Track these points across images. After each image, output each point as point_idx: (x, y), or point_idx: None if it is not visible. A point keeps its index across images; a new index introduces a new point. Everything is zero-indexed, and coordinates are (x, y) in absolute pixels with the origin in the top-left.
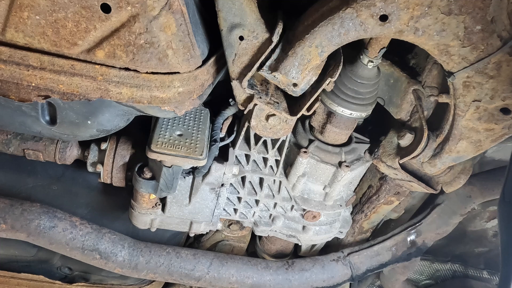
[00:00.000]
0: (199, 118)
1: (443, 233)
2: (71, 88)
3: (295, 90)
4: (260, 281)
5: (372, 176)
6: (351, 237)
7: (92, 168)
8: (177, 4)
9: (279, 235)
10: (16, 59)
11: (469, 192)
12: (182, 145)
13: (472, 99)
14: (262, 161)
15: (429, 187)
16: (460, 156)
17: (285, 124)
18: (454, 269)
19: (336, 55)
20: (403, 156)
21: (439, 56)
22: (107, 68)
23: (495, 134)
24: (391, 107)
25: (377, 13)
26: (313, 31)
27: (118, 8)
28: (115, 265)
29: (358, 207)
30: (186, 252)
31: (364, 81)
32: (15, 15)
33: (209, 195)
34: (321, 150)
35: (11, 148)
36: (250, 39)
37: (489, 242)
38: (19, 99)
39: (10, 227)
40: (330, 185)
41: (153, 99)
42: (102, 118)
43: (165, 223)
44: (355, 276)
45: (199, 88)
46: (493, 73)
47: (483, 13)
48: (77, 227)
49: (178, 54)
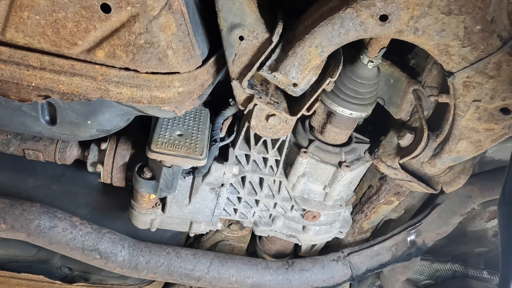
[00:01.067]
0: (199, 118)
1: (443, 233)
2: (71, 88)
3: (295, 90)
4: (260, 281)
5: (372, 176)
6: (351, 237)
7: (92, 168)
8: (177, 4)
9: (279, 235)
10: (16, 59)
11: (469, 192)
12: (182, 145)
13: (472, 99)
14: (262, 161)
15: (429, 187)
16: (460, 156)
17: (285, 124)
18: (454, 269)
19: (336, 55)
20: (403, 156)
21: (439, 56)
22: (107, 68)
23: (495, 134)
24: (391, 107)
25: (377, 13)
26: (313, 31)
27: (118, 8)
28: (115, 265)
29: (358, 207)
30: (186, 252)
31: (364, 81)
32: (15, 15)
33: (209, 195)
34: (321, 150)
35: (11, 148)
36: (250, 39)
37: (489, 242)
38: (19, 99)
39: (10, 227)
40: (330, 185)
41: (153, 99)
42: (102, 118)
43: (165, 223)
44: (355, 276)
45: (199, 88)
46: (493, 73)
47: (483, 13)
48: (77, 227)
49: (178, 54)
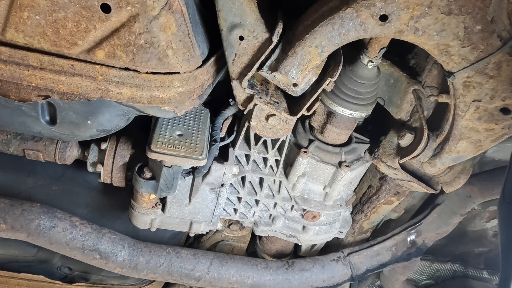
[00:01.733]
0: (199, 118)
1: (443, 233)
2: (71, 88)
3: (295, 90)
4: (260, 281)
5: (372, 176)
6: (351, 237)
7: (92, 168)
8: (177, 4)
9: (279, 235)
10: (16, 59)
11: (469, 192)
12: (182, 145)
13: (472, 99)
14: (262, 161)
15: (429, 187)
16: (460, 156)
17: (285, 124)
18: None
19: (336, 55)
20: (403, 156)
21: (439, 56)
22: (107, 68)
23: (495, 134)
24: (391, 107)
25: (377, 13)
26: (313, 31)
27: (118, 8)
28: (115, 265)
29: (358, 207)
30: (186, 252)
31: (364, 81)
32: (15, 15)
33: (209, 195)
34: (321, 150)
35: (11, 148)
36: (250, 39)
37: (489, 242)
38: (19, 99)
39: (10, 227)
40: (330, 185)
41: (153, 99)
42: (102, 118)
43: (165, 223)
44: (355, 276)
45: (199, 88)
46: (493, 73)
47: (483, 13)
48: (77, 227)
49: (178, 54)
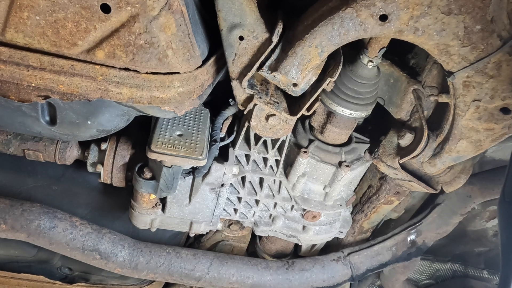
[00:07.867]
0: (199, 118)
1: (443, 232)
2: (71, 88)
3: (295, 90)
4: (260, 281)
5: (372, 176)
6: (351, 237)
7: (92, 168)
8: (177, 4)
9: (279, 235)
10: (16, 59)
11: (469, 192)
12: (182, 145)
13: (472, 98)
14: (262, 161)
15: (429, 187)
16: (460, 156)
17: (285, 124)
18: (454, 269)
19: (336, 55)
20: (403, 156)
21: (439, 55)
22: (107, 68)
23: (495, 133)
24: (391, 107)
25: (377, 13)
26: (313, 31)
27: (118, 8)
28: (115, 265)
29: (358, 207)
30: (186, 252)
31: (364, 81)
32: (15, 16)
33: (209, 195)
34: (321, 150)
35: (11, 148)
36: (250, 39)
37: (489, 242)
38: (19, 100)
39: (10, 227)
40: (330, 185)
41: (153, 99)
42: (102, 118)
43: (165, 223)
44: (355, 276)
45: (199, 88)
46: (493, 73)
47: (483, 13)
48: (77, 227)
49: (178, 54)
